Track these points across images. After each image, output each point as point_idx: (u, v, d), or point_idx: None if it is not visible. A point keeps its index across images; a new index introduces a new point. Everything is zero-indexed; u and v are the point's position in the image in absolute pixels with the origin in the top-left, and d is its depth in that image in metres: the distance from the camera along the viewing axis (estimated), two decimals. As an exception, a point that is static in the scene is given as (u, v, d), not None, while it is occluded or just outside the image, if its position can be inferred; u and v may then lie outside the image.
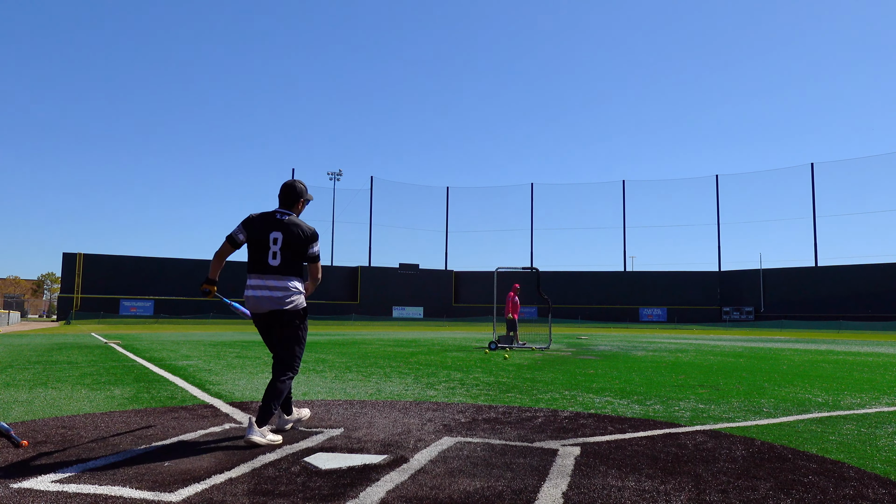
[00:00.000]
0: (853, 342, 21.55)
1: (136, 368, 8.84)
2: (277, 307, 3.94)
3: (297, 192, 4.16)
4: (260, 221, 4.02)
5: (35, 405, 5.33)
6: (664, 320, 59.30)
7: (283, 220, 4.04)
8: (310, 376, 7.87)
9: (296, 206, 4.18)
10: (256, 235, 4.00)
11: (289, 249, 3.98)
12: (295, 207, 4.18)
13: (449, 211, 68.89)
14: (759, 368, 9.63)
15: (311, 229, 4.11)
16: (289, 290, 3.97)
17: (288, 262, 3.98)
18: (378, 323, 50.47)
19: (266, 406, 3.80)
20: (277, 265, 3.96)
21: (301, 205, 4.22)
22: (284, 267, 3.97)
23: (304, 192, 4.21)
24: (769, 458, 3.55)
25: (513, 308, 15.24)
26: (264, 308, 3.96)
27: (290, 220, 4.05)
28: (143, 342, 16.33)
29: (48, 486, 2.86)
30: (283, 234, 3.99)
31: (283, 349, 4.00)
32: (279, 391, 3.88)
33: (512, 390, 6.58)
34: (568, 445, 3.84)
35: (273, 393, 3.86)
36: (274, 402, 3.83)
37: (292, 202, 4.17)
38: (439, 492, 2.82)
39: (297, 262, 4.02)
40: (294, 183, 4.17)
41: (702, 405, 5.58)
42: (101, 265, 53.38)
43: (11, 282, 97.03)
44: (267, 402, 3.81)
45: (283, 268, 3.97)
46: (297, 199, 4.17)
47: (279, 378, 3.93)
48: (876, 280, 52.58)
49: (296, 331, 4.03)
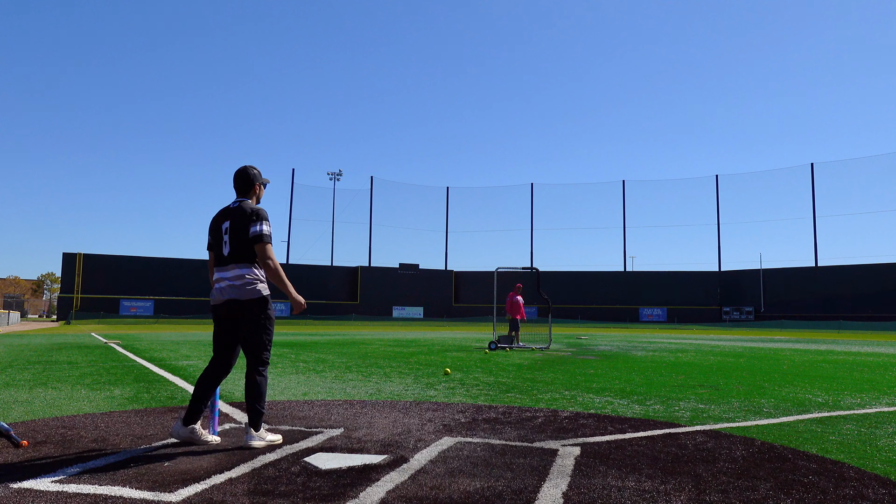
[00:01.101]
0: (853, 342, 21.54)
1: (136, 368, 8.84)
2: (233, 296, 3.77)
3: (250, 177, 4.00)
4: (216, 217, 3.95)
5: (35, 405, 5.33)
6: (664, 320, 59.30)
7: (232, 207, 3.92)
8: (310, 376, 7.87)
9: (251, 191, 4.01)
10: (213, 231, 3.93)
11: (236, 236, 3.82)
12: (251, 193, 4.01)
13: (449, 211, 68.98)
14: (759, 368, 9.63)
15: (253, 208, 3.88)
16: (244, 277, 3.78)
17: (238, 249, 3.81)
18: (378, 323, 50.47)
19: (251, 408, 3.72)
20: (228, 253, 3.83)
21: (258, 189, 4.04)
22: (236, 254, 3.81)
23: (258, 175, 4.04)
24: (769, 458, 3.55)
25: (512, 308, 15.17)
26: (222, 298, 3.80)
27: (239, 206, 3.90)
28: (143, 342, 16.32)
29: (48, 486, 2.86)
30: (230, 221, 3.87)
31: (247, 341, 3.79)
32: (257, 385, 3.73)
33: (512, 390, 6.58)
34: (568, 445, 3.84)
35: (253, 391, 3.72)
36: (257, 401, 3.71)
37: (247, 188, 4.00)
38: (439, 492, 2.82)
39: (248, 248, 3.82)
40: (245, 168, 4.01)
41: (702, 405, 5.58)
42: (101, 265, 53.39)
43: (11, 282, 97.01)
44: (251, 403, 3.72)
45: (234, 255, 3.81)
46: (250, 183, 4.00)
47: (252, 373, 3.76)
48: (876, 280, 52.59)
49: (256, 320, 3.79)
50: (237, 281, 3.78)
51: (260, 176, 4.08)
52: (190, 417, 3.73)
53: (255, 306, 3.79)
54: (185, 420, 3.73)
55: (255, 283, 3.79)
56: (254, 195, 4.03)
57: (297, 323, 47.72)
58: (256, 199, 4.05)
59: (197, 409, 3.76)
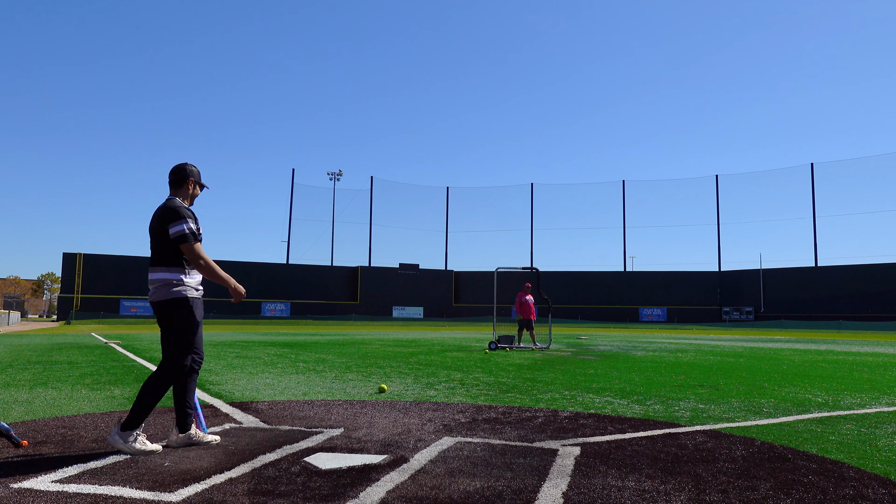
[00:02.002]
0: (853, 342, 21.55)
1: (136, 368, 8.84)
2: (154, 299, 3.70)
3: (185, 173, 3.86)
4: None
5: (35, 405, 5.33)
6: (664, 320, 59.31)
7: (158, 207, 3.81)
8: (310, 376, 7.88)
9: (183, 188, 3.86)
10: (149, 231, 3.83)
11: (156, 238, 3.71)
12: (182, 190, 3.86)
13: (449, 211, 68.99)
14: (759, 368, 9.63)
15: (172, 206, 3.72)
16: (160, 281, 3.68)
17: (159, 252, 3.70)
18: (378, 323, 50.48)
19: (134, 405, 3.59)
20: (152, 257, 3.75)
21: (190, 187, 3.89)
22: (158, 257, 3.71)
23: (194, 172, 3.90)
24: (769, 458, 3.55)
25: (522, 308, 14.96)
26: (151, 301, 3.76)
27: (162, 206, 3.78)
28: (144, 342, 16.33)
29: (48, 486, 2.86)
30: (151, 222, 3.77)
31: (163, 341, 3.74)
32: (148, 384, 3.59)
33: (512, 390, 6.58)
34: (568, 445, 3.84)
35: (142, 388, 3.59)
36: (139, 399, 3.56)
37: (179, 184, 3.85)
38: (439, 492, 2.82)
39: (164, 250, 3.69)
40: (181, 164, 3.89)
41: (702, 405, 5.58)
42: (101, 265, 53.38)
43: (11, 282, 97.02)
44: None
45: (156, 258, 3.72)
46: (183, 179, 3.85)
47: (154, 374, 3.67)
48: (876, 280, 52.57)
49: (168, 323, 3.69)
50: (156, 284, 3.71)
51: (197, 174, 3.92)
52: (181, 425, 3.74)
53: (172, 307, 3.68)
54: (179, 429, 3.74)
55: (176, 286, 3.68)
56: (186, 194, 3.87)
57: (297, 323, 47.73)
58: (189, 200, 3.90)
59: (182, 415, 3.75)
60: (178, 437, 3.72)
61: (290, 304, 58.46)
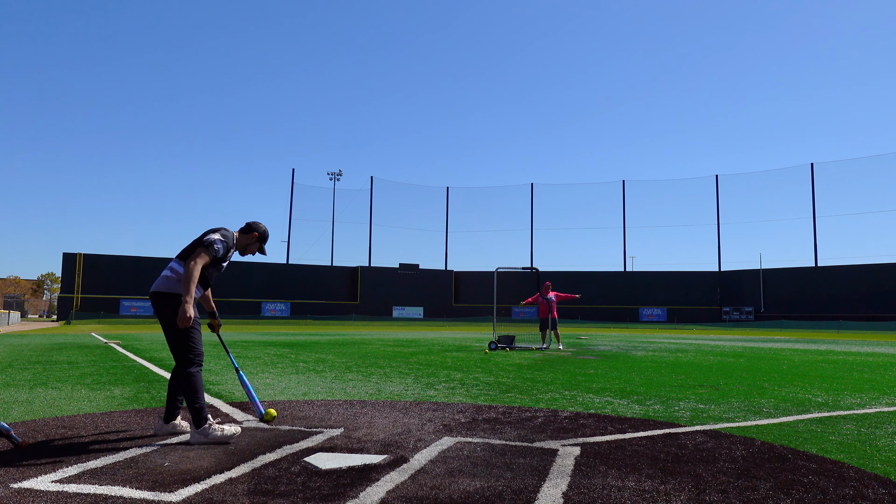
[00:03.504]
0: (853, 342, 21.54)
1: (136, 368, 8.84)
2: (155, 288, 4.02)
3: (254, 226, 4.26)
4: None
5: (35, 405, 5.33)
6: (664, 320, 59.30)
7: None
8: (310, 376, 7.88)
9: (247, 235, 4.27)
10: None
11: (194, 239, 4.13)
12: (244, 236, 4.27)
13: (449, 211, 68.96)
14: (759, 368, 9.63)
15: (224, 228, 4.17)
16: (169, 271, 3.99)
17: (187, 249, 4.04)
18: (378, 323, 50.46)
19: (189, 407, 3.80)
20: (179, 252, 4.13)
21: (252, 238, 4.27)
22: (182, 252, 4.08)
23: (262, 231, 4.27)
24: (769, 458, 3.55)
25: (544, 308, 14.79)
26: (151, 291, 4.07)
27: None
28: (144, 342, 16.33)
29: (48, 486, 2.86)
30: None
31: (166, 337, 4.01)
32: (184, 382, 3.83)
33: (512, 390, 6.58)
34: (568, 445, 3.84)
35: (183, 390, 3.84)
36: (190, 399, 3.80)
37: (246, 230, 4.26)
38: (439, 492, 2.82)
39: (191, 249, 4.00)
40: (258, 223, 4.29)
41: (702, 405, 5.57)
42: (101, 265, 53.37)
43: (11, 282, 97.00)
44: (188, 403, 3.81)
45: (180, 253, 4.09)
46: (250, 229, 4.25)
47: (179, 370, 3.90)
48: (876, 280, 52.56)
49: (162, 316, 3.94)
50: (167, 275, 3.94)
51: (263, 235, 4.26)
52: (169, 415, 4.00)
53: (163, 299, 3.88)
54: (165, 419, 4.00)
55: (177, 281, 3.89)
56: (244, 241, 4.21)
57: (297, 323, 47.72)
58: (242, 248, 4.22)
59: (173, 407, 4.01)
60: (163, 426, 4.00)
61: (289, 304, 58.46)
